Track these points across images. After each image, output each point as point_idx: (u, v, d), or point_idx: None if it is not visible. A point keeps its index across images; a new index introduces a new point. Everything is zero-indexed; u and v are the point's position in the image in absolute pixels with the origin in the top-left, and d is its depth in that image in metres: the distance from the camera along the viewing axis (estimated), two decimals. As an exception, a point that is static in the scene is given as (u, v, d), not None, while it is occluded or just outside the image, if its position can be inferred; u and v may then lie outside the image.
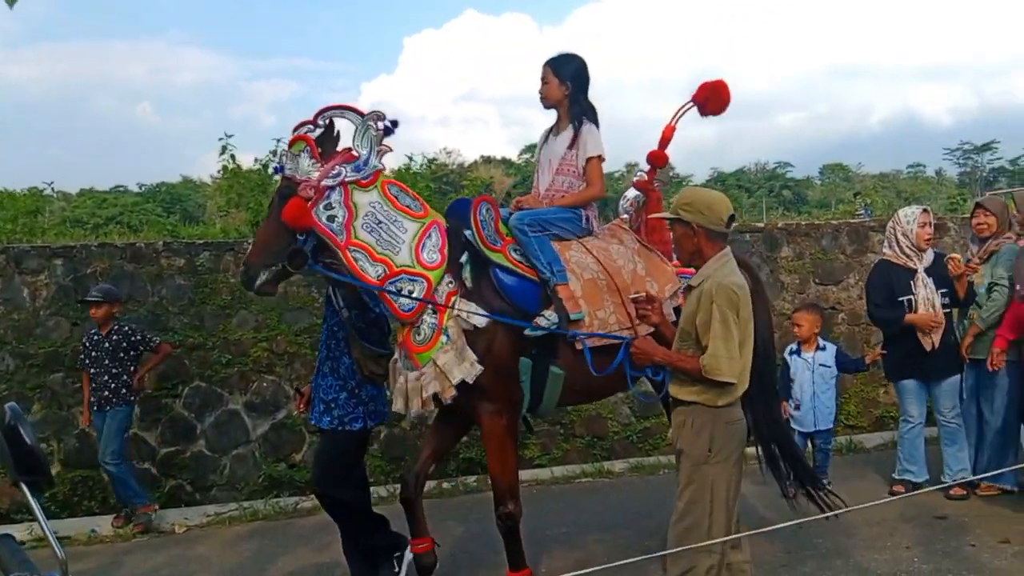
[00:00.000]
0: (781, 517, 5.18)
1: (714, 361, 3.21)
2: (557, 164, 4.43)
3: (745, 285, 3.35)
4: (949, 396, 5.51)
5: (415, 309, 3.88)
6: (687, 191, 3.49)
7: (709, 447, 3.29)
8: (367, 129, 3.93)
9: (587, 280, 4.12)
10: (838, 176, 58.09)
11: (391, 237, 3.91)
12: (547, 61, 4.44)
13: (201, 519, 6.27)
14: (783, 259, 8.11)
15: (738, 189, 53.07)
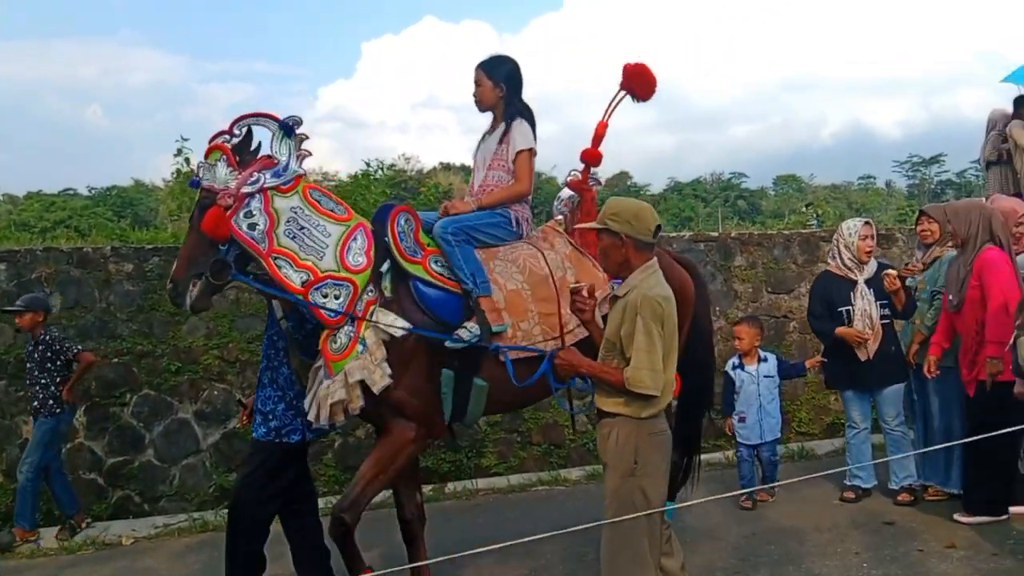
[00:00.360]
0: (734, 524, 5.24)
1: (637, 373, 3.21)
2: (490, 160, 4.40)
3: (671, 297, 3.36)
4: (891, 404, 5.60)
5: (340, 316, 3.81)
6: (613, 201, 3.47)
7: (635, 459, 3.29)
8: (284, 134, 3.86)
9: (511, 291, 4.08)
10: (791, 187, 58.98)
11: (314, 242, 3.84)
12: (479, 64, 4.41)
13: (149, 531, 6.14)
14: (736, 268, 8.21)
15: (694, 198, 53.67)
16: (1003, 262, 5.00)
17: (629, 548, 3.27)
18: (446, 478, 7.03)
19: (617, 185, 64.36)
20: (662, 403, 3.33)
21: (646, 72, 4.42)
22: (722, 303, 8.06)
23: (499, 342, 3.97)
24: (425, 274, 3.99)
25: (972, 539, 4.80)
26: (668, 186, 60.29)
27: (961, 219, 5.18)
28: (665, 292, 3.33)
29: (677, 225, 33.67)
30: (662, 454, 3.38)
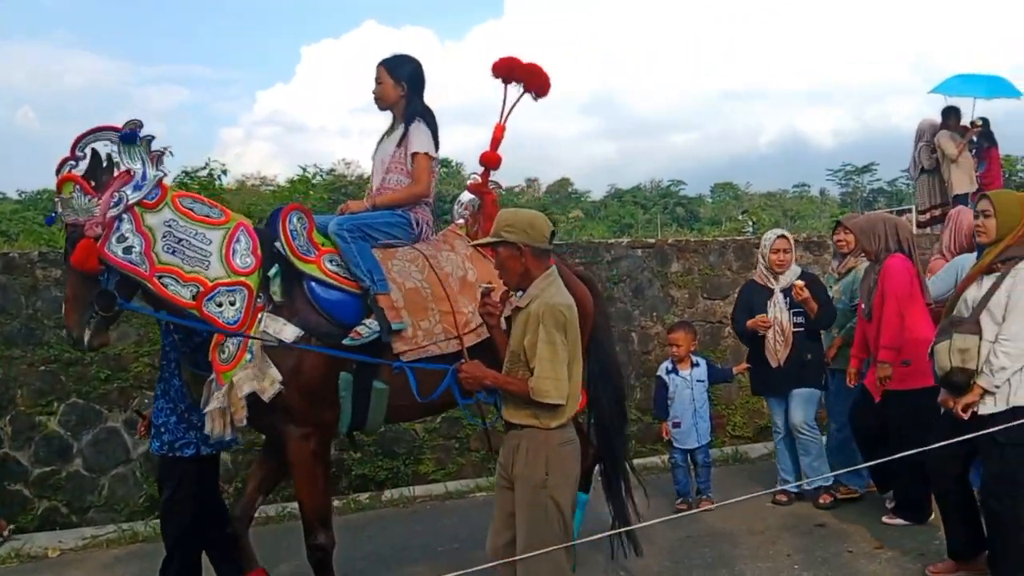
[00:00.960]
0: (668, 528, 5.30)
1: (541, 383, 3.20)
2: (388, 163, 4.34)
3: (573, 305, 3.36)
4: (800, 408, 5.70)
5: (242, 319, 3.71)
6: (505, 213, 3.45)
7: (546, 470, 3.28)
8: (129, 142, 3.63)
9: (410, 289, 4.03)
10: (728, 194, 60.16)
11: (197, 253, 3.72)
12: (381, 61, 4.36)
13: (76, 542, 5.96)
14: (673, 274, 8.33)
15: (634, 205, 54.42)
16: (902, 270, 5.10)
17: (548, 560, 3.26)
18: (383, 485, 6.98)
19: (559, 192, 64.82)
20: (568, 412, 3.33)
21: (536, 68, 4.40)
22: (659, 308, 8.17)
23: (398, 341, 3.91)
24: (320, 274, 3.90)
25: (899, 540, 4.95)
26: (609, 193, 61.10)
27: (867, 234, 5.31)
28: (567, 300, 3.33)
29: (617, 232, 34.00)
30: (572, 463, 3.38)
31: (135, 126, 3.66)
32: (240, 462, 6.77)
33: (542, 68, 4.43)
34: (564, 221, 43.12)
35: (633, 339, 8.05)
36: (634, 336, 8.06)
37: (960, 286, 4.33)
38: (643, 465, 7.21)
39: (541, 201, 57.89)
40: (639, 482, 4.78)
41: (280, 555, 5.05)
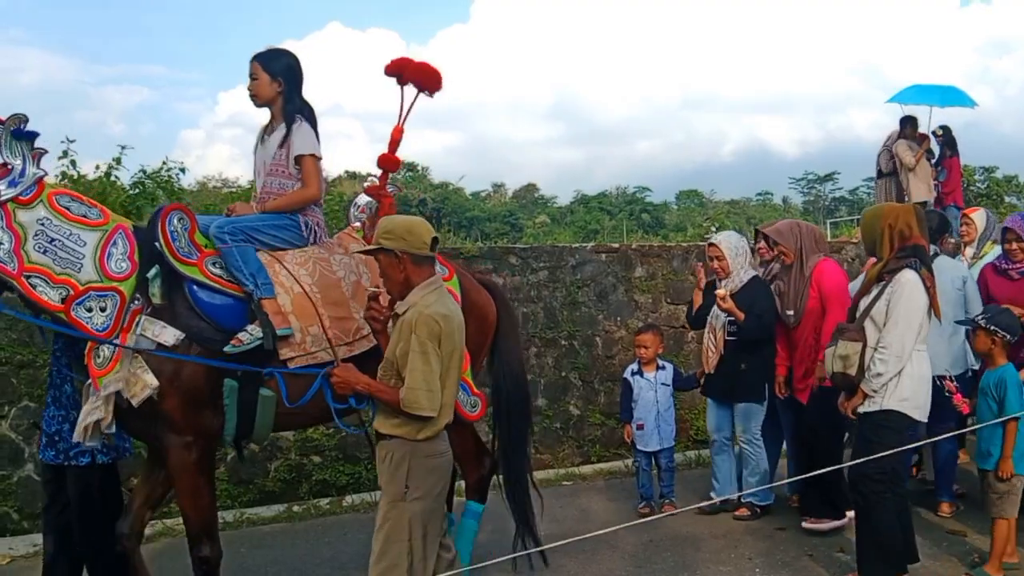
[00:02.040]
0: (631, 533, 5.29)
1: (412, 394, 3.14)
2: (270, 165, 4.19)
3: (451, 314, 3.29)
4: (741, 419, 5.66)
5: (112, 326, 3.55)
6: (384, 220, 3.42)
7: (407, 483, 3.21)
8: (12, 136, 3.48)
9: (298, 294, 3.90)
10: (693, 201, 60.69)
11: (69, 254, 3.54)
12: (255, 56, 4.20)
13: (28, 549, 5.81)
14: (637, 279, 8.34)
15: (600, 211, 54.58)
16: (836, 271, 5.34)
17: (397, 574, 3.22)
18: (344, 491, 6.89)
19: (525, 197, 65.00)
20: (440, 423, 3.27)
21: (424, 65, 4.33)
22: (623, 313, 8.18)
23: (285, 347, 3.78)
24: (201, 276, 3.75)
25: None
26: (575, 199, 61.24)
27: (787, 237, 5.43)
28: (444, 310, 3.26)
29: (583, 237, 34.12)
30: (438, 477, 3.30)
31: (20, 121, 3.50)
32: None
33: (431, 65, 4.34)
34: (531, 226, 43.21)
35: (597, 343, 8.05)
36: (598, 340, 8.06)
37: (856, 294, 4.53)
38: (608, 469, 7.24)
39: (507, 206, 58.01)
40: (538, 493, 4.73)
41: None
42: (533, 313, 7.81)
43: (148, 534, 5.44)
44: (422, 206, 50.37)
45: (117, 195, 7.70)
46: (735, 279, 5.57)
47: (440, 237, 4.42)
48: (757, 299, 5.46)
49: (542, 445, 7.72)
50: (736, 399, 5.64)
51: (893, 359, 4.13)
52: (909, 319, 4.14)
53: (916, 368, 4.20)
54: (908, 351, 4.14)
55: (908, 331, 4.15)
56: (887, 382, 4.17)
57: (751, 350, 5.50)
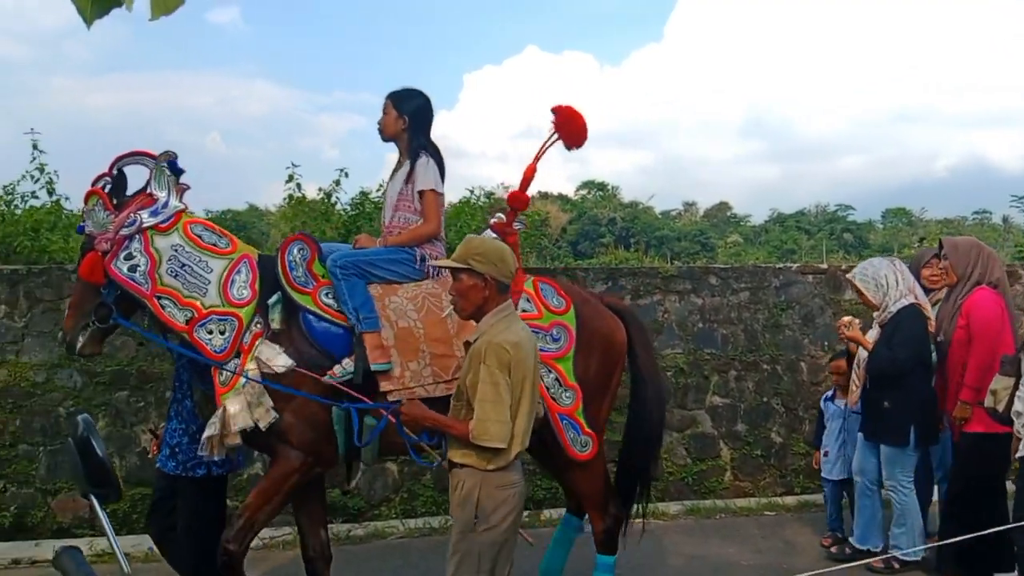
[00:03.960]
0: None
1: (481, 426, 3.10)
2: (395, 201, 4.30)
3: (522, 342, 3.21)
4: (886, 463, 5.13)
5: (228, 349, 3.77)
6: (474, 240, 3.37)
7: (476, 513, 3.16)
8: (162, 171, 3.83)
9: (402, 328, 3.94)
10: (901, 220, 56.96)
11: (197, 279, 3.81)
12: (389, 94, 4.36)
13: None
14: (846, 302, 7.95)
15: (797, 231, 52.40)
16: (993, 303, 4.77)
17: None
18: (542, 505, 6.99)
19: (716, 216, 63.52)
20: (511, 453, 3.20)
21: (576, 117, 4.24)
22: (831, 338, 7.80)
23: (385, 380, 3.86)
24: (314, 306, 3.91)
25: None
26: (770, 217, 59.16)
27: (958, 254, 4.91)
28: (514, 337, 3.19)
29: (780, 257, 32.89)
30: (509, 508, 3.22)
31: (171, 157, 3.86)
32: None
33: (583, 121, 4.26)
34: (722, 246, 42.18)
35: (802, 368, 7.74)
36: (803, 366, 7.74)
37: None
38: (813, 502, 6.93)
39: (698, 225, 56.89)
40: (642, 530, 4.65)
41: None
42: (733, 335, 7.63)
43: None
44: (611, 225, 50.40)
45: (338, 216, 8.27)
46: (884, 311, 5.07)
47: (634, 256, 4.43)
48: (898, 330, 4.95)
49: (741, 472, 7.51)
50: (880, 440, 5.12)
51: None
52: None
53: None
54: None
55: None
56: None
57: (895, 386, 4.97)
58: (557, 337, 4.14)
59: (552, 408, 4.06)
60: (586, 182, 63.14)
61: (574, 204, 56.36)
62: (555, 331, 4.14)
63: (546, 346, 4.06)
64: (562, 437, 4.10)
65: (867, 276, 5.13)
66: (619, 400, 4.84)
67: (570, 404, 4.11)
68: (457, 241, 8.22)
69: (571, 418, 4.11)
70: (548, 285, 4.30)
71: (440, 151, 4.38)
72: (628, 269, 8.02)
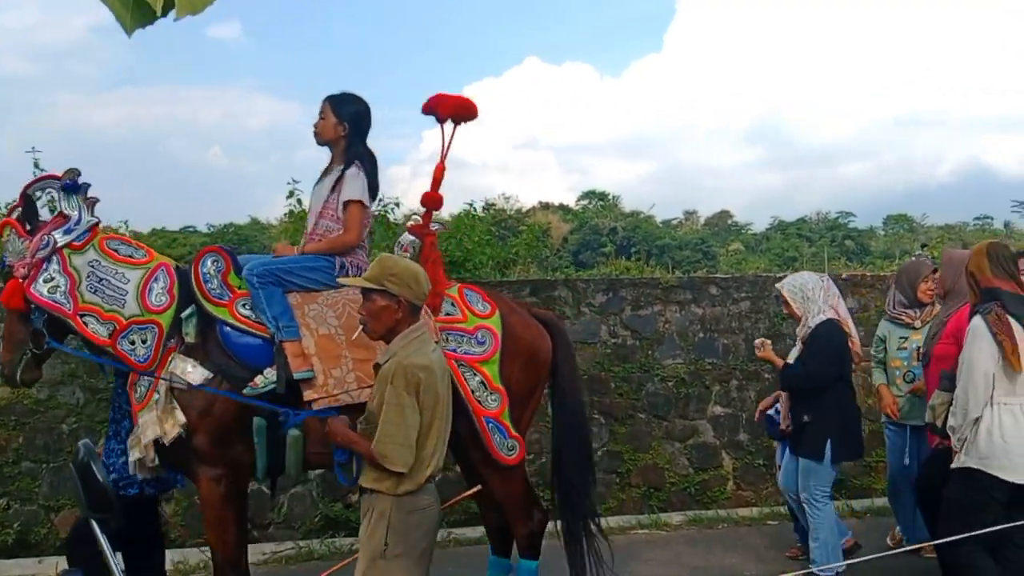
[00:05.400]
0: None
1: (383, 447, 3.05)
2: (320, 207, 4.25)
3: (432, 365, 3.15)
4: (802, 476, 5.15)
5: (151, 358, 3.76)
6: (389, 260, 3.29)
7: (386, 539, 3.08)
8: (68, 190, 3.82)
9: (323, 335, 3.90)
10: (902, 227, 56.97)
11: (115, 291, 3.80)
12: (328, 97, 4.28)
13: (257, 557, 6.29)
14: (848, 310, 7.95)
15: (799, 238, 52.40)
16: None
17: None
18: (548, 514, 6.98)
19: (717, 224, 63.53)
20: (420, 477, 3.14)
21: (447, 98, 4.26)
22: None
23: (308, 389, 3.81)
24: (230, 318, 3.87)
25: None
26: (771, 225, 59.17)
27: (949, 267, 4.89)
28: (424, 360, 3.14)
29: (781, 266, 32.89)
30: (422, 533, 3.17)
31: (74, 175, 3.86)
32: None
33: (463, 97, 4.31)
34: (723, 254, 42.16)
35: (803, 377, 7.73)
36: (804, 374, 7.74)
37: None
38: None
39: (699, 234, 56.92)
40: (608, 543, 4.44)
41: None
42: (734, 344, 7.64)
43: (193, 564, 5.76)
44: (612, 235, 50.42)
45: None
46: (805, 324, 5.08)
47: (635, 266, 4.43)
48: (815, 344, 4.97)
49: (743, 481, 7.52)
50: (799, 453, 5.13)
51: (959, 412, 3.86)
52: (971, 369, 3.81)
53: (996, 423, 3.80)
54: (975, 404, 3.80)
55: (971, 382, 3.81)
56: (963, 437, 3.85)
57: (815, 401, 4.99)
58: (482, 340, 4.13)
59: (478, 412, 4.04)
60: (587, 192, 63.31)
61: (575, 214, 56.46)
62: (480, 334, 4.13)
63: (471, 349, 4.08)
64: (488, 441, 4.07)
65: (795, 288, 5.17)
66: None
67: (496, 407, 4.08)
68: (457, 253, 8.33)
69: (497, 421, 4.08)
70: (473, 291, 4.32)
71: (375, 158, 4.33)
72: (628, 280, 8.03)
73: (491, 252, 8.85)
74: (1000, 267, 3.96)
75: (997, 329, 3.79)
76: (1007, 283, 3.93)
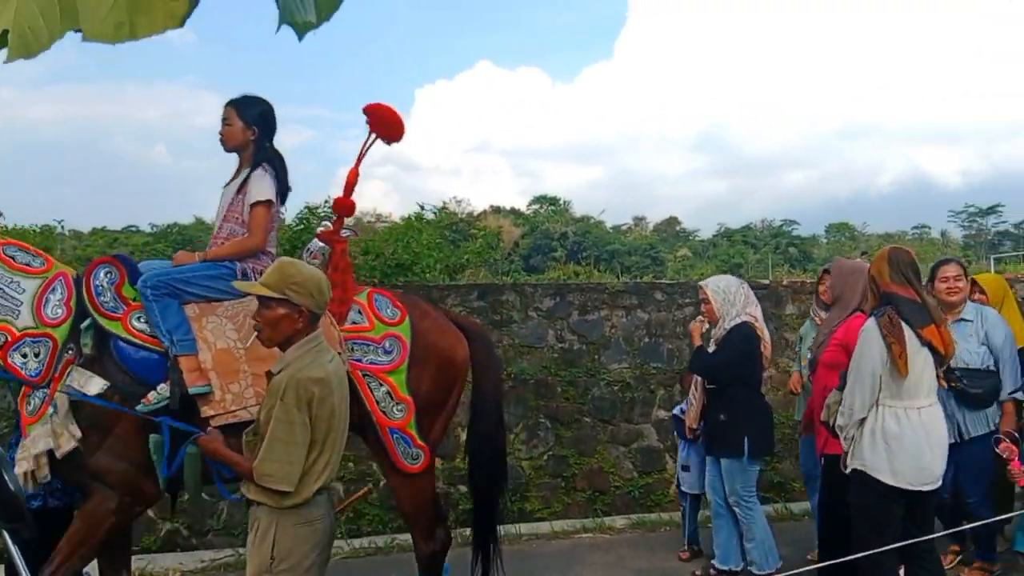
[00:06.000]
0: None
1: (265, 466, 2.92)
2: (225, 211, 4.13)
3: (328, 377, 3.01)
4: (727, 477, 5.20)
5: (43, 373, 3.59)
6: (290, 268, 3.11)
7: (272, 553, 2.96)
8: None
9: (220, 350, 3.76)
10: (844, 235, 58.38)
11: (8, 301, 3.62)
12: (230, 102, 4.15)
13: (196, 564, 6.18)
14: (788, 316, 8.11)
15: (744, 245, 53.41)
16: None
17: None
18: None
19: (666, 230, 64.36)
20: (308, 491, 3.01)
21: (388, 113, 4.18)
22: (773, 352, 7.95)
23: (205, 404, 3.69)
24: (124, 332, 3.71)
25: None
26: (718, 232, 60.16)
27: (838, 276, 4.95)
28: (319, 372, 3.00)
29: (726, 272, 33.41)
30: (310, 546, 3.03)
31: None
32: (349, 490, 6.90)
33: (396, 115, 4.21)
34: (672, 260, 42.74)
35: (745, 382, 7.85)
36: (746, 379, 7.86)
37: None
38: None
39: (648, 240, 57.55)
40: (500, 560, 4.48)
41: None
42: (679, 349, 7.72)
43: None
44: (563, 239, 50.72)
45: (283, 231, 8.19)
46: (721, 327, 5.20)
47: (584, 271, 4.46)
48: (729, 342, 5.11)
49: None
50: (718, 453, 5.20)
51: (846, 411, 3.94)
52: (860, 370, 3.90)
53: (879, 425, 3.89)
54: (860, 405, 3.89)
55: (858, 384, 3.89)
56: (850, 438, 3.96)
57: (729, 401, 5.11)
58: (389, 349, 4.04)
59: (382, 423, 3.97)
60: (538, 197, 63.73)
61: (526, 219, 56.75)
62: (387, 343, 4.05)
63: (377, 359, 4.00)
64: (391, 451, 4.00)
65: (719, 289, 5.29)
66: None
67: (401, 418, 4.01)
68: (405, 257, 8.27)
69: (402, 432, 4.01)
70: (383, 296, 4.22)
71: (284, 160, 4.22)
72: (576, 284, 8.08)
73: (440, 256, 8.85)
74: (899, 273, 4.02)
75: (888, 332, 3.85)
76: (905, 289, 3.99)
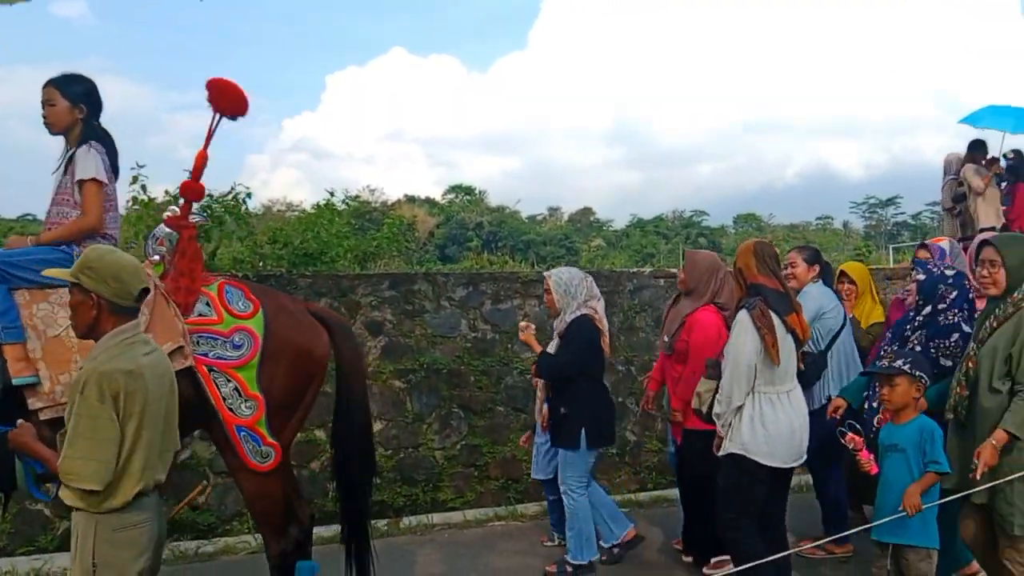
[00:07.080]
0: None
1: (69, 464, 2.74)
2: (55, 193, 3.96)
3: (140, 369, 2.85)
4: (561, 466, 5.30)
5: None
6: (91, 251, 2.97)
7: (93, 560, 2.83)
8: None
9: (51, 338, 3.60)
10: (751, 225, 59.96)
11: None
12: (50, 81, 3.97)
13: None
14: (696, 305, 8.27)
15: (656, 235, 54.35)
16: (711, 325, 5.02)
17: None
18: (401, 512, 6.95)
19: (580, 220, 64.96)
20: (128, 492, 2.85)
21: (229, 87, 4.06)
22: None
23: (33, 396, 3.51)
24: None
25: None
26: (631, 222, 61.04)
27: (693, 271, 5.22)
28: (129, 364, 2.83)
29: (639, 261, 33.98)
30: (133, 552, 2.89)
31: None
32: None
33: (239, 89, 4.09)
34: (586, 250, 43.16)
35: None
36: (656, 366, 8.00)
37: None
38: (666, 497, 7.16)
39: (563, 230, 58.03)
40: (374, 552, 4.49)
41: None
42: (590, 338, 7.79)
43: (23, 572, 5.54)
44: (478, 229, 50.70)
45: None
46: (562, 318, 5.26)
47: (498, 261, 4.45)
48: (568, 336, 5.17)
49: (597, 470, 7.64)
50: (558, 445, 5.27)
51: (724, 400, 4.13)
52: (736, 360, 4.09)
53: (757, 411, 4.10)
54: (737, 393, 4.09)
55: (735, 371, 4.09)
56: (728, 424, 4.15)
57: (567, 394, 5.18)
58: (239, 344, 3.91)
59: (228, 420, 3.85)
60: (454, 186, 63.43)
61: (442, 208, 56.45)
62: (237, 337, 3.91)
63: (225, 354, 3.87)
64: (239, 449, 3.89)
65: (561, 281, 5.30)
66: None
67: (250, 415, 3.88)
68: (314, 245, 8.10)
69: (251, 429, 3.88)
70: (235, 288, 4.08)
71: (112, 137, 4.06)
72: (488, 274, 8.08)
73: (350, 244, 8.71)
74: (765, 265, 4.21)
75: (760, 323, 4.03)
76: (770, 280, 4.18)
